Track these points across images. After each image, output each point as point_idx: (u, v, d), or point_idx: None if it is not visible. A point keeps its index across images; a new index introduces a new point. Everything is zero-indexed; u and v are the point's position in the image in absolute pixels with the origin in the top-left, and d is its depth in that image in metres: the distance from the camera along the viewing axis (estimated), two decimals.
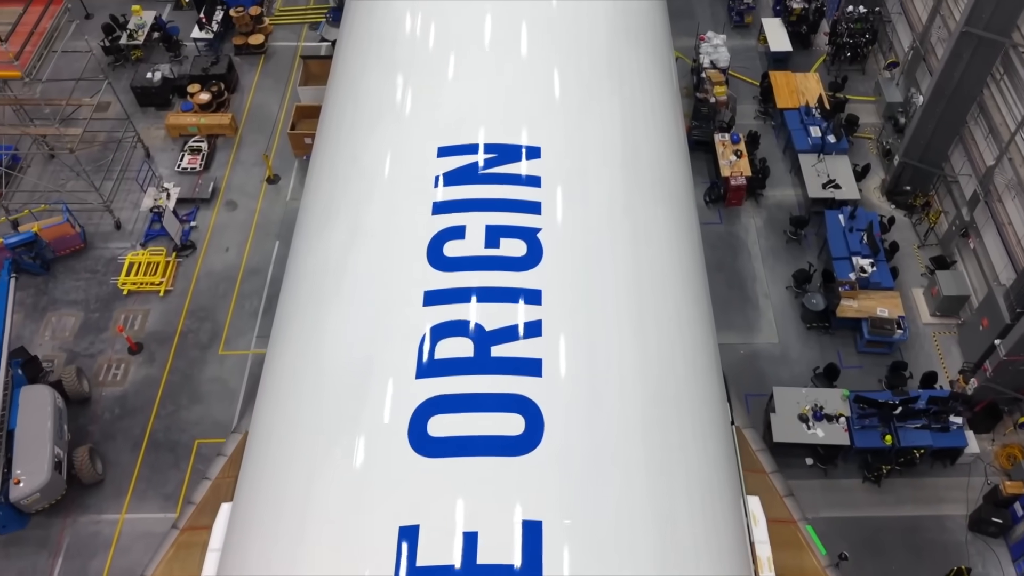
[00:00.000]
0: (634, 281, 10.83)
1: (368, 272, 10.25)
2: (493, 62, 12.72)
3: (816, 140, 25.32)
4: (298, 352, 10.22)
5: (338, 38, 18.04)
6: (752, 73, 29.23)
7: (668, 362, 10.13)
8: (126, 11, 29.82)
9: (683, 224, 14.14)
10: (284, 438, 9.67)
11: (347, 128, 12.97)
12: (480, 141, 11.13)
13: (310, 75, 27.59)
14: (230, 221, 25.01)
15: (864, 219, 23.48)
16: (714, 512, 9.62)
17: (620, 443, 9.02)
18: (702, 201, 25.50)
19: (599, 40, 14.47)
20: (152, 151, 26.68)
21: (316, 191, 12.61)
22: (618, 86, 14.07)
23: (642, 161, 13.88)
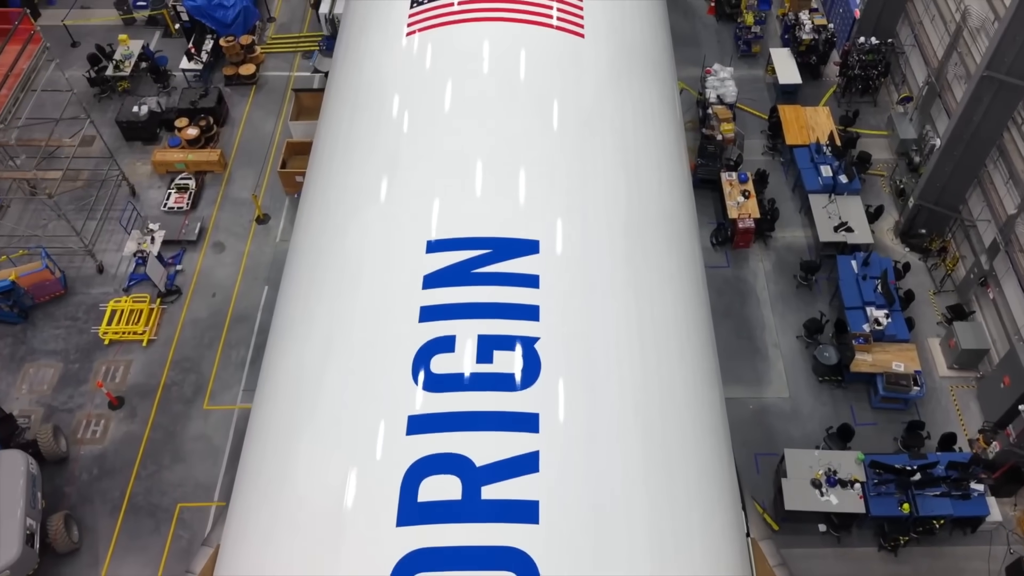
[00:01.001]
0: (642, 385, 9.88)
1: (346, 391, 9.26)
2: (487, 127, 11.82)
3: (827, 180, 24.33)
4: (267, 488, 9.22)
5: (328, 80, 17.12)
6: (760, 105, 28.26)
7: (683, 512, 9.06)
8: (113, 39, 28.88)
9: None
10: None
11: (332, 202, 12.02)
12: (474, 234, 10.14)
13: (302, 108, 26.62)
14: (217, 264, 24.03)
15: (878, 265, 22.49)
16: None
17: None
18: (708, 243, 24.51)
19: (599, 73, 13.56)
20: (138, 188, 25.72)
21: (294, 280, 11.64)
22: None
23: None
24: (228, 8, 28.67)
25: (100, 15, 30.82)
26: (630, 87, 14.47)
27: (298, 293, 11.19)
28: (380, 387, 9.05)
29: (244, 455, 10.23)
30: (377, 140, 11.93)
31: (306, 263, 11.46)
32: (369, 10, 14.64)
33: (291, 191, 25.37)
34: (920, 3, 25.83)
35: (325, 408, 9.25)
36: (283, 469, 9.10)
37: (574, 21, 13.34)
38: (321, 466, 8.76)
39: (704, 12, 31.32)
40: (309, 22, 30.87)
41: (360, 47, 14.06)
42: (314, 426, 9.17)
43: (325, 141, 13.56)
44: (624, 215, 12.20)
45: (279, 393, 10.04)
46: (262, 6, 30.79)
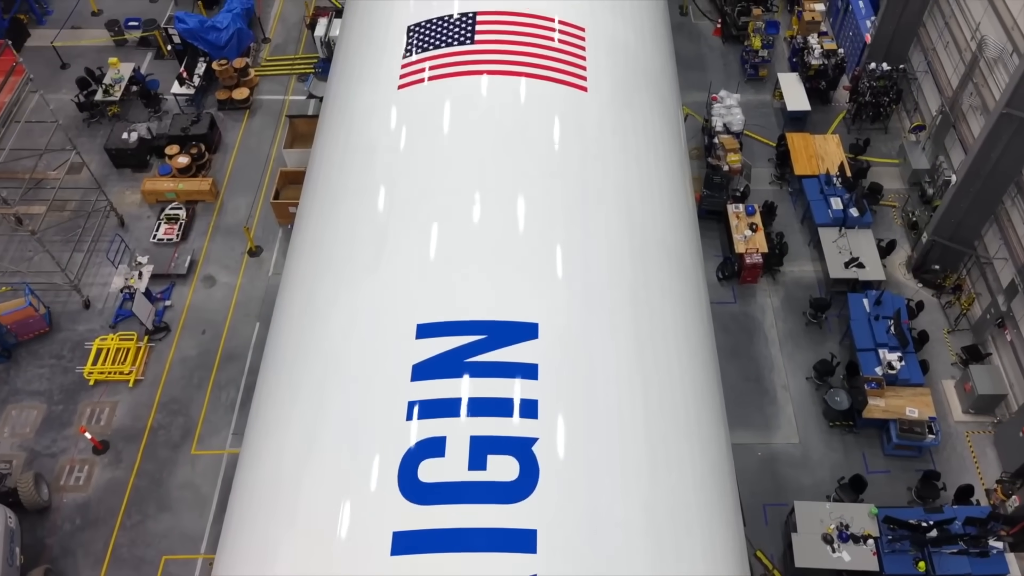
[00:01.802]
0: (649, 481, 9.13)
1: (326, 502, 8.48)
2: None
3: (837, 213, 23.54)
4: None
5: (319, 119, 16.39)
6: (767, 132, 27.48)
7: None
8: (104, 61, 28.14)
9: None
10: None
11: (317, 272, 11.26)
12: (467, 317, 9.37)
13: (296, 135, 25.92)
14: (207, 299, 23.28)
15: (890, 304, 21.70)
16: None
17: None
18: (714, 277, 23.73)
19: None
20: (127, 218, 24.97)
21: (276, 363, 10.84)
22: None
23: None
24: (221, 30, 27.94)
25: (91, 35, 30.07)
26: (632, 123, 13.79)
27: (279, 381, 10.42)
28: (363, 498, 8.29)
29: (219, 561, 9.48)
30: (365, 207, 11.18)
31: (289, 345, 10.69)
32: (362, 56, 13.93)
33: (284, 222, 24.66)
34: (933, 29, 25.04)
35: (304, 521, 8.49)
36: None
37: (576, 65, 12.57)
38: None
39: (710, 34, 30.54)
40: (305, 43, 30.11)
41: (351, 99, 13.35)
42: (293, 540, 8.41)
43: (314, 195, 12.86)
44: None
45: (255, 500, 9.27)
46: (256, 27, 30.06)
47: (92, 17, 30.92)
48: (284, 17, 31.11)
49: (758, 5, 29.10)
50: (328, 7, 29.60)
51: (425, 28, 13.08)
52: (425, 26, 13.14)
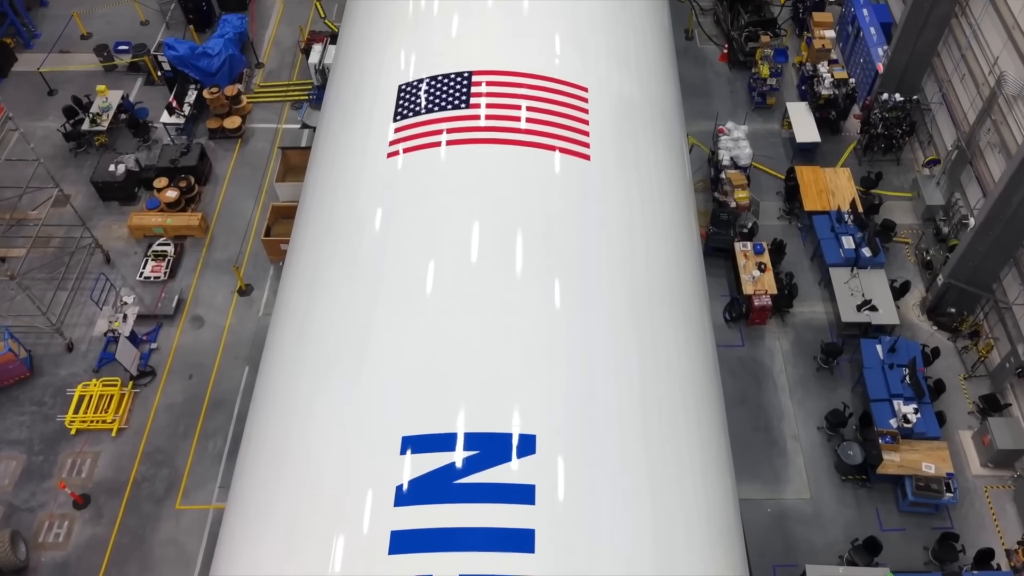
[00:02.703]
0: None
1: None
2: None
3: (849, 253, 22.68)
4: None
5: (313, 145, 15.58)
6: (776, 163, 26.60)
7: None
8: (93, 86, 27.30)
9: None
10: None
11: (296, 366, 10.41)
12: (458, 429, 8.52)
13: (288, 167, 25.07)
14: (195, 341, 22.44)
15: (905, 352, 20.82)
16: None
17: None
18: (721, 318, 22.87)
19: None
20: (113, 254, 24.14)
21: (248, 476, 9.96)
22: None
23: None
24: (212, 57, 27.11)
25: (80, 60, 29.24)
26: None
27: (253, 490, 9.57)
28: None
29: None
30: (348, 295, 10.34)
31: (262, 456, 9.82)
32: (352, 117, 13.09)
33: (275, 259, 23.81)
34: (949, 60, 24.17)
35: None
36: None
37: (579, 131, 11.73)
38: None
39: (716, 59, 29.66)
40: (299, 68, 29.26)
41: (337, 167, 12.52)
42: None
43: (297, 272, 11.98)
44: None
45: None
46: (249, 52, 29.21)
47: (81, 40, 30.09)
48: (278, 41, 30.27)
49: (766, 31, 28.22)
50: (323, 32, 28.74)
51: (417, 89, 12.26)
52: (416, 86, 12.31)
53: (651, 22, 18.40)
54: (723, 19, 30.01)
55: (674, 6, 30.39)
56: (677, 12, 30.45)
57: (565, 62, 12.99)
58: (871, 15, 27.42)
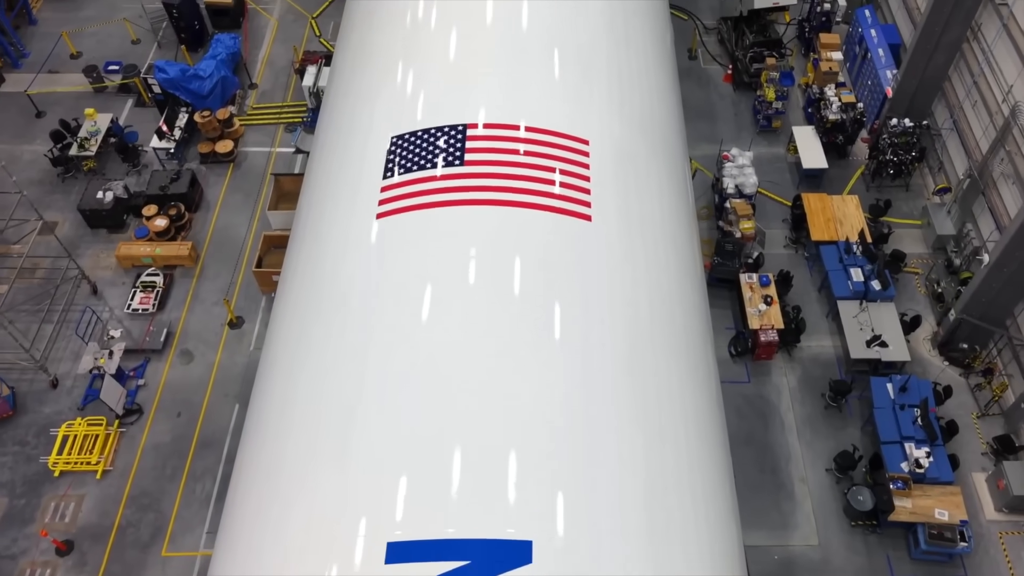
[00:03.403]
0: None
1: None
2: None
3: (858, 285, 22.00)
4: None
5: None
6: (781, 189, 25.91)
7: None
8: (81, 109, 26.64)
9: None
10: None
11: (278, 440, 9.76)
12: (448, 535, 7.85)
13: (282, 194, 24.38)
14: (184, 377, 21.77)
15: (916, 391, 20.14)
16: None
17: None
18: (726, 352, 22.20)
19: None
20: (101, 285, 23.48)
21: (233, 540, 9.35)
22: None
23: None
24: (204, 79, 26.44)
25: (69, 80, 28.57)
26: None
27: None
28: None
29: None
30: (331, 380, 9.68)
31: (243, 533, 9.19)
32: (341, 169, 12.45)
33: (267, 290, 23.12)
34: (960, 86, 23.49)
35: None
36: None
37: (580, 189, 11.08)
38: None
39: (720, 80, 28.99)
40: (294, 88, 28.60)
41: (324, 227, 11.91)
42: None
43: (282, 324, 11.36)
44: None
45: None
46: (242, 73, 28.54)
47: (71, 60, 29.42)
48: (272, 60, 29.61)
49: (771, 51, 27.54)
50: (318, 52, 28.08)
51: (409, 142, 11.60)
52: (409, 139, 11.65)
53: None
54: (727, 38, 29.33)
55: (677, 25, 29.80)
56: (680, 31, 29.76)
57: (565, 112, 12.34)
58: (879, 36, 26.76)
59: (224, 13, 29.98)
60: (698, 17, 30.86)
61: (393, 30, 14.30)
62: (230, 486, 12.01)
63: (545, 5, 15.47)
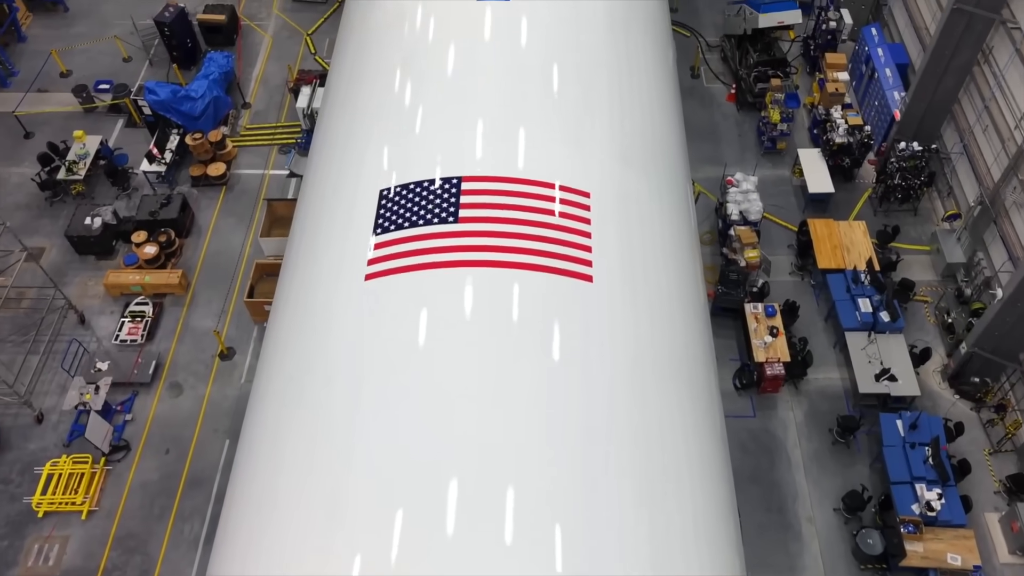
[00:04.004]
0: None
1: None
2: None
3: (866, 316, 21.39)
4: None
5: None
6: (787, 213, 25.31)
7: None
8: (71, 129, 26.02)
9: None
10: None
11: (261, 520, 9.18)
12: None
13: (274, 219, 23.86)
14: (173, 411, 21.17)
15: (927, 429, 19.54)
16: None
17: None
18: (731, 385, 21.60)
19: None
20: (89, 314, 22.87)
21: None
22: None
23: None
24: (196, 100, 25.84)
25: (58, 100, 27.97)
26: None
27: None
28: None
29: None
30: (316, 465, 9.11)
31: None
32: (328, 223, 11.90)
33: (259, 319, 22.56)
34: (971, 110, 22.89)
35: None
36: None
37: (581, 247, 10.50)
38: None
39: (723, 99, 28.38)
40: (288, 108, 27.99)
41: (309, 288, 11.40)
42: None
43: (267, 396, 10.82)
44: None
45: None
46: (235, 92, 27.94)
47: (61, 78, 28.82)
48: (266, 79, 29.00)
49: (776, 71, 26.94)
50: (313, 71, 27.47)
51: (400, 196, 11.01)
52: (401, 193, 11.06)
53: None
54: (730, 56, 28.72)
55: (679, 41, 29.18)
56: (682, 48, 29.21)
57: (564, 156, 11.77)
58: (886, 55, 26.15)
59: (217, 30, 29.38)
60: (701, 34, 30.27)
61: (386, 67, 13.78)
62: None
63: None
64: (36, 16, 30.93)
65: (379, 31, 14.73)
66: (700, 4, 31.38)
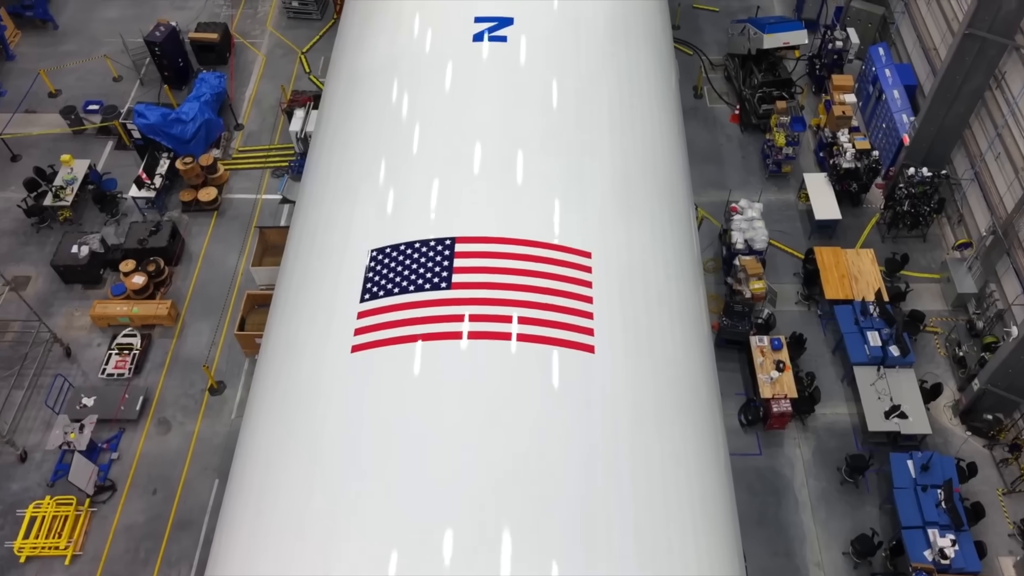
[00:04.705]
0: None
1: None
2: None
3: (875, 351, 20.76)
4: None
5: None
6: (792, 239, 24.67)
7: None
8: (59, 152, 25.42)
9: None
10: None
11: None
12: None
13: (267, 247, 23.17)
14: (161, 449, 20.53)
15: (939, 470, 18.90)
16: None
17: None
18: (736, 421, 20.97)
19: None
20: (75, 346, 22.24)
21: None
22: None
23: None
24: (187, 122, 25.20)
25: (46, 121, 27.33)
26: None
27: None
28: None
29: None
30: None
31: None
32: (314, 287, 11.32)
33: (250, 352, 21.90)
34: (983, 137, 22.25)
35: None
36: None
37: (582, 314, 9.88)
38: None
39: (726, 120, 27.75)
40: (281, 129, 27.35)
41: (292, 364, 10.85)
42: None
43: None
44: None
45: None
46: (227, 113, 27.30)
47: (49, 98, 28.19)
48: (259, 99, 28.37)
49: (781, 92, 26.32)
50: (307, 91, 26.84)
51: (390, 257, 10.37)
52: (391, 255, 10.41)
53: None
54: (734, 76, 28.08)
55: (682, 60, 28.59)
56: (685, 67, 28.65)
57: (562, 214, 11.18)
58: (894, 76, 25.52)
59: (210, 49, 28.76)
60: (704, 52, 29.63)
61: (376, 109, 13.19)
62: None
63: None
64: (25, 34, 30.30)
65: (370, 77, 14.14)
66: (703, 21, 30.77)
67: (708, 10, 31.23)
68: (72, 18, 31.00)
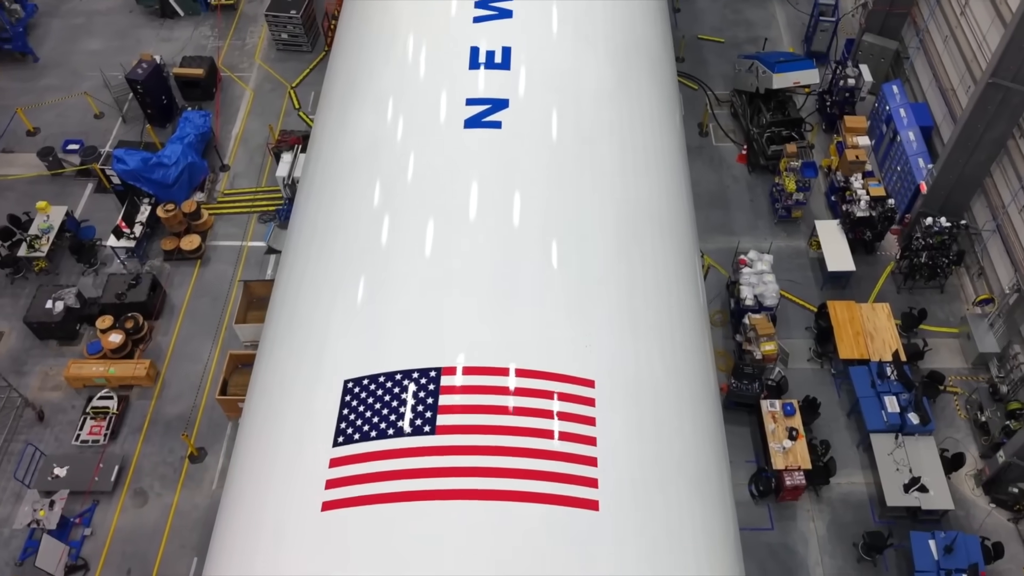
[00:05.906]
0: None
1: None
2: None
3: (893, 417, 19.62)
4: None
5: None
6: (804, 290, 23.52)
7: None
8: (36, 196, 24.35)
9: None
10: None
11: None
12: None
13: (251, 301, 22.08)
14: (137, 523, 19.41)
15: (963, 552, 17.76)
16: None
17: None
18: (746, 493, 19.83)
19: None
20: (48, 409, 21.13)
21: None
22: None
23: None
24: (169, 166, 24.08)
25: (24, 162, 26.19)
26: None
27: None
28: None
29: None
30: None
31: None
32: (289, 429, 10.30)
33: (233, 416, 20.80)
34: (1006, 188, 21.12)
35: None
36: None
37: (584, 460, 8.81)
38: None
39: (733, 160, 26.60)
40: (269, 170, 26.20)
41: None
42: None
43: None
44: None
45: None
46: (212, 153, 26.16)
47: (28, 137, 27.07)
48: (247, 138, 27.22)
49: (790, 132, 25.18)
50: (296, 132, 25.66)
51: (369, 391, 9.25)
52: (369, 388, 9.29)
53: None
54: (742, 113, 26.92)
55: (686, 95, 27.49)
56: (690, 103, 27.54)
57: (562, 326, 10.07)
58: (909, 116, 24.37)
59: (195, 84, 27.61)
60: (709, 87, 28.48)
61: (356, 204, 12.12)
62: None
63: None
64: (4, 67, 29.17)
65: (353, 160, 13.04)
66: (708, 54, 29.62)
67: (714, 41, 30.07)
68: (53, 50, 29.88)
